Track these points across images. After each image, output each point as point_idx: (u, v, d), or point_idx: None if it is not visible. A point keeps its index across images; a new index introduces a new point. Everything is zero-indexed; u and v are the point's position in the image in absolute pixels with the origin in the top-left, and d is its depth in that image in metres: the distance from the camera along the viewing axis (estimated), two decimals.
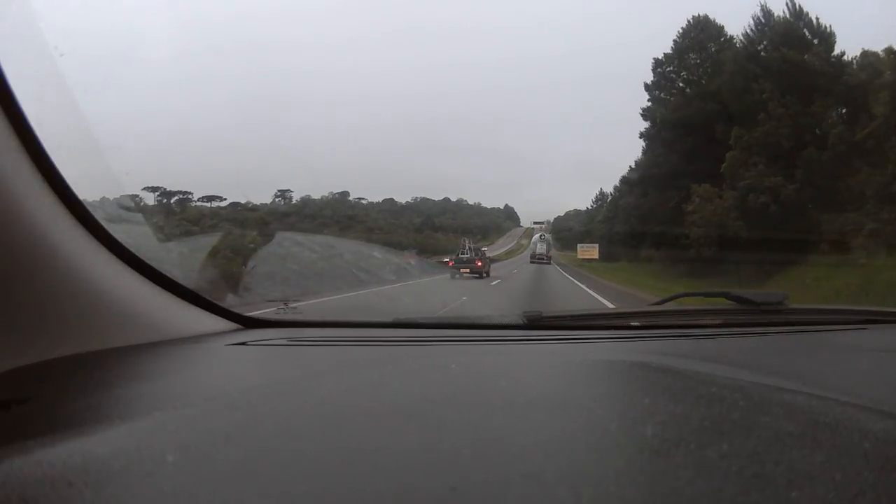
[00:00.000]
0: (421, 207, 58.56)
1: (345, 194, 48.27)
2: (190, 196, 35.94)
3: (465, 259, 15.77)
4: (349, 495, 0.34)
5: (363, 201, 49.15)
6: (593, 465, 0.37)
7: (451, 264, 15.72)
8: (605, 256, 26.78)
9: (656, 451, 0.39)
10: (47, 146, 0.84)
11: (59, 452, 0.40)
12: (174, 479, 0.36)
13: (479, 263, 15.43)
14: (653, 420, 0.45)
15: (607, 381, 0.68)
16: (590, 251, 29.56)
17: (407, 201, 58.06)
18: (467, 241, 20.30)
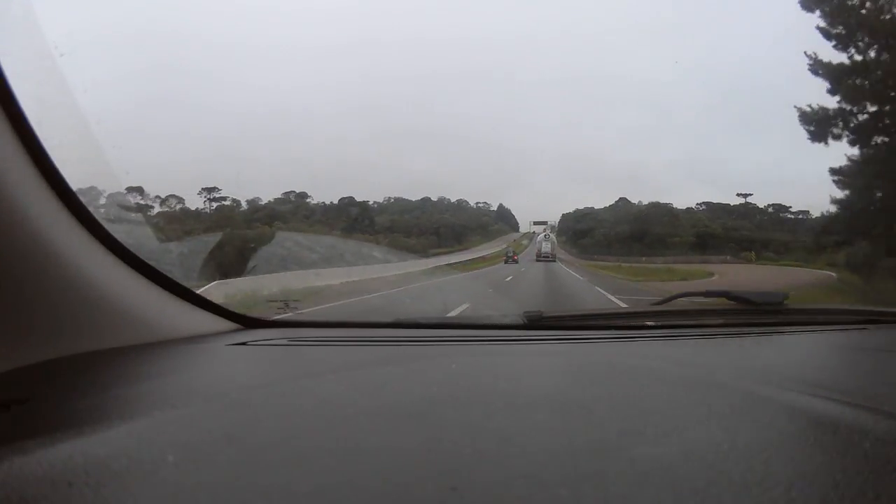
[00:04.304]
0: (393, 208, 56.55)
1: (303, 195, 46.78)
2: None
3: (510, 256, 35.44)
4: (349, 495, 0.34)
5: (310, 201, 47.27)
6: (594, 466, 0.37)
7: (503, 258, 34.71)
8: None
9: (657, 451, 0.39)
10: (47, 146, 0.84)
11: (59, 452, 0.40)
12: (174, 479, 0.36)
13: (515, 257, 35.71)
14: (653, 420, 0.45)
15: (608, 382, 0.68)
16: None
17: (376, 202, 55.83)
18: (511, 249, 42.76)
